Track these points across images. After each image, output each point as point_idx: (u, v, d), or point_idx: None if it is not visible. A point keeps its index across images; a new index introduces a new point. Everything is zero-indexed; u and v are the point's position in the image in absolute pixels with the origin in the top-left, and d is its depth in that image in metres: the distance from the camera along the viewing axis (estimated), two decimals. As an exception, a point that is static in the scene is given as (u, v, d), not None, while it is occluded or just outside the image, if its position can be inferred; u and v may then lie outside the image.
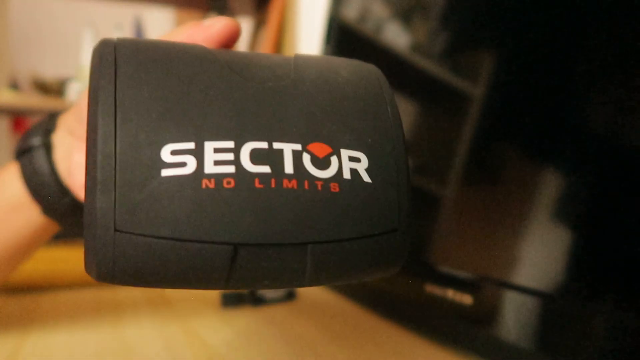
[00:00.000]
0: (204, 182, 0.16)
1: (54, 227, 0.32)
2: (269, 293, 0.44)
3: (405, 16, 0.44)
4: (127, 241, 0.16)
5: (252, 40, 1.13)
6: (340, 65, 0.21)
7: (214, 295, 0.46)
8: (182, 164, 0.16)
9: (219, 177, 0.16)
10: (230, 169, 0.17)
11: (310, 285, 0.19)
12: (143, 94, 0.17)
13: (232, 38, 0.23)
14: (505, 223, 0.29)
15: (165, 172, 0.16)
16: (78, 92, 1.32)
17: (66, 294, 0.47)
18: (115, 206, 0.16)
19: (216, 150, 0.17)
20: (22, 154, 0.30)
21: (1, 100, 1.19)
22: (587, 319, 0.24)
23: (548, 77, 0.29)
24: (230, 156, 0.17)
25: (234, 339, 0.35)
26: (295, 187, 0.17)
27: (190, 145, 0.16)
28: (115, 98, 0.17)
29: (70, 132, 0.29)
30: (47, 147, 0.30)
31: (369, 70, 0.22)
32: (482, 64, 0.34)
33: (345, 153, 0.18)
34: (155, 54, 0.18)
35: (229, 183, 0.16)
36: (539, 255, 0.27)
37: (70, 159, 0.29)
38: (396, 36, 0.44)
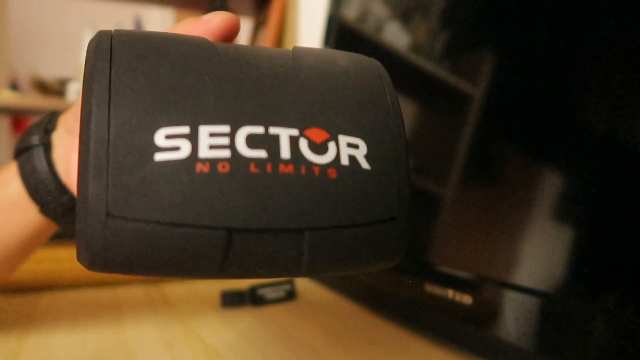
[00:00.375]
0: (199, 166, 0.16)
1: (52, 227, 0.32)
2: (269, 293, 0.44)
3: (405, 16, 0.44)
4: (119, 226, 0.16)
5: (252, 41, 1.13)
6: (339, 56, 0.21)
7: (214, 295, 0.46)
8: (176, 148, 0.16)
9: (213, 162, 0.16)
10: (226, 153, 0.16)
11: (307, 274, 0.18)
12: (138, 79, 0.17)
13: (231, 32, 0.23)
14: (505, 223, 0.29)
15: (158, 157, 0.16)
16: (78, 92, 1.32)
17: (66, 294, 0.47)
18: (107, 191, 0.15)
19: (211, 135, 0.16)
20: (21, 152, 0.30)
21: (1, 100, 1.19)
22: (587, 319, 0.24)
23: (548, 76, 0.29)
24: (225, 140, 0.16)
25: (234, 339, 0.35)
26: (291, 172, 0.17)
27: (185, 129, 0.16)
28: (109, 84, 0.17)
29: (69, 131, 0.29)
30: (46, 146, 0.29)
31: (368, 61, 0.21)
32: (482, 64, 0.34)
33: (343, 139, 0.18)
34: (152, 42, 0.18)
35: (223, 167, 0.16)
36: (539, 255, 0.27)
37: (69, 158, 0.29)
38: (396, 36, 0.44)
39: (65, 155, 0.29)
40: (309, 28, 0.86)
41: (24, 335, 0.35)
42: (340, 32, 0.53)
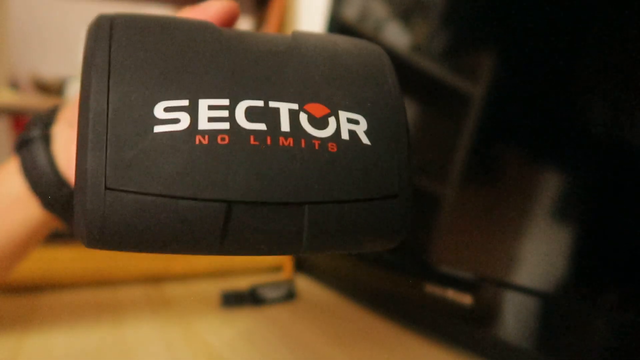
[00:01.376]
0: (198, 138, 0.16)
1: (53, 222, 0.32)
2: (269, 293, 0.44)
3: (405, 16, 0.44)
4: (118, 199, 0.15)
5: (252, 40, 1.13)
6: (340, 38, 0.21)
7: (214, 295, 0.46)
8: (176, 121, 0.16)
9: (213, 133, 0.16)
10: (225, 125, 0.16)
11: (308, 250, 0.18)
12: (138, 55, 0.17)
13: (230, 18, 0.23)
14: (505, 223, 0.29)
15: (158, 129, 0.16)
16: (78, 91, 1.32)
17: (66, 294, 0.47)
18: (106, 163, 0.15)
19: (210, 107, 0.16)
20: (22, 145, 0.30)
21: (1, 100, 1.19)
22: (587, 319, 0.24)
23: (548, 76, 0.29)
24: (224, 113, 0.16)
25: (234, 339, 0.35)
26: (291, 145, 0.17)
27: (184, 102, 0.16)
28: (109, 59, 0.17)
29: (69, 124, 0.29)
30: (46, 139, 0.29)
31: (369, 44, 0.22)
32: (482, 64, 0.34)
33: (343, 115, 0.18)
34: (152, 22, 0.18)
35: (223, 139, 0.16)
36: (539, 255, 0.27)
37: (69, 151, 0.29)
38: (396, 36, 0.44)
39: (66, 148, 0.29)
40: (309, 28, 0.86)
41: (23, 335, 0.35)
42: (340, 32, 0.53)
